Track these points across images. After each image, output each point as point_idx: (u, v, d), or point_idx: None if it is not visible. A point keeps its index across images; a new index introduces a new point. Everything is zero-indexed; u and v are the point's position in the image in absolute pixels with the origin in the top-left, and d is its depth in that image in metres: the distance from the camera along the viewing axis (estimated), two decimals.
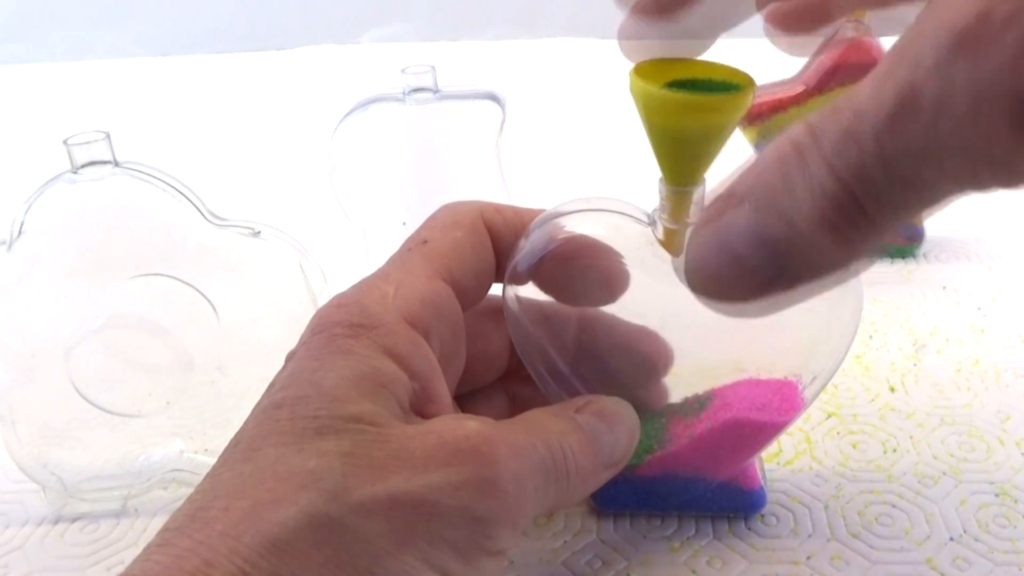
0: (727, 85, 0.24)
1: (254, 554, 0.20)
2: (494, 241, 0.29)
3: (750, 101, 0.24)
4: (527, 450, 0.24)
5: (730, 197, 0.18)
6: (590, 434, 0.27)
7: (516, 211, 0.30)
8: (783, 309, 0.19)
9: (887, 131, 0.15)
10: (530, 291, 0.29)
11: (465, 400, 0.31)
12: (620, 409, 0.28)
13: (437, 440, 0.23)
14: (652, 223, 0.28)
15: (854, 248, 0.17)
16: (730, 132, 0.25)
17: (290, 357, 0.26)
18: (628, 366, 0.30)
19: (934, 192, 0.16)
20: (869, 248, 0.17)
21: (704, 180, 0.26)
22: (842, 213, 0.16)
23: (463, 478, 0.23)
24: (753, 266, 0.18)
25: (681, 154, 0.25)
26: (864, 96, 0.16)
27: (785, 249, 0.17)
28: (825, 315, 0.29)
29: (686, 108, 0.24)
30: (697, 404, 0.30)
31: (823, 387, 0.30)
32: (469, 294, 0.29)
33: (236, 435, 0.24)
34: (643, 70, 0.25)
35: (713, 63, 0.26)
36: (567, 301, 0.29)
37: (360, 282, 0.27)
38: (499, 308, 0.31)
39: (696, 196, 0.27)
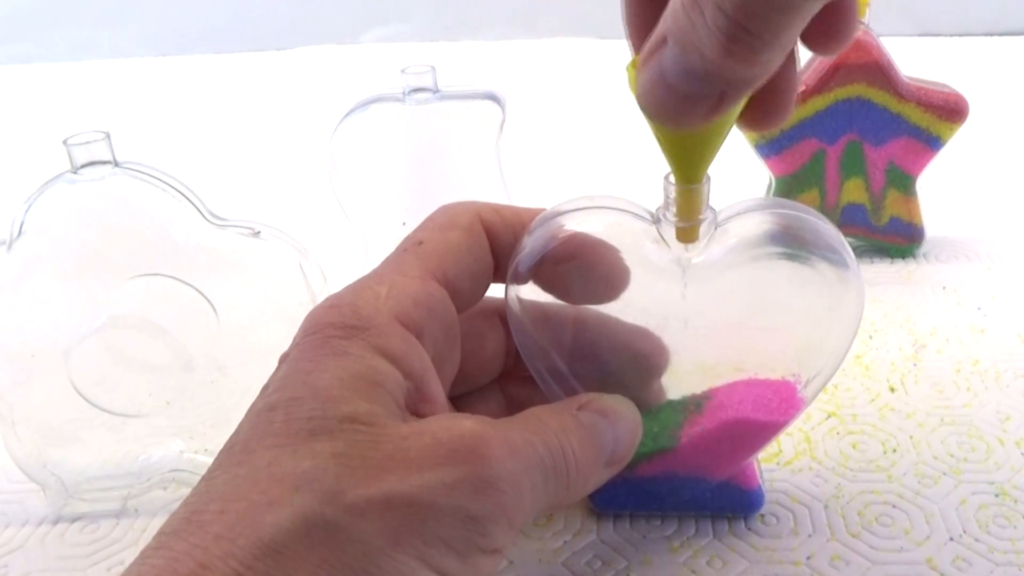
0: None
1: (249, 556, 0.20)
2: (492, 242, 0.29)
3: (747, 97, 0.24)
4: (525, 448, 0.24)
5: (659, 39, 0.22)
6: (592, 432, 0.27)
7: (515, 211, 0.30)
8: (724, 124, 0.24)
9: None
10: (531, 291, 0.29)
11: (461, 401, 0.31)
12: (622, 407, 0.28)
13: (432, 439, 0.23)
14: (656, 221, 0.28)
15: (755, 64, 0.21)
16: (730, 127, 0.25)
17: (283, 359, 0.26)
18: (625, 365, 0.30)
19: (803, 10, 0.20)
20: (769, 61, 0.21)
21: (709, 177, 0.26)
22: (737, 40, 0.20)
23: (458, 477, 0.23)
24: (685, 92, 0.22)
25: (686, 151, 0.25)
26: None
27: (703, 75, 0.22)
28: (824, 315, 0.29)
29: None
30: (695, 403, 0.30)
31: (822, 387, 0.30)
32: (464, 295, 0.29)
33: (231, 438, 0.24)
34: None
35: None
36: (569, 300, 0.29)
37: (353, 283, 0.27)
38: (495, 309, 0.31)
39: (703, 193, 0.27)
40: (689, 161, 0.26)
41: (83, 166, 0.31)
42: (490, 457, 0.23)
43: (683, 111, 0.23)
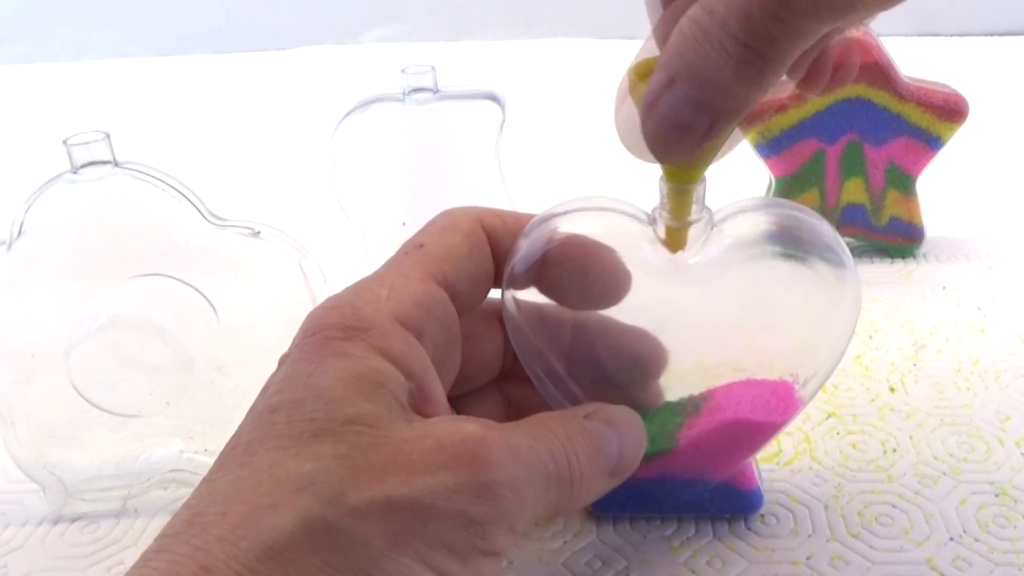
0: None
1: (251, 559, 0.20)
2: (493, 246, 0.29)
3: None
4: (528, 454, 0.24)
5: (662, 81, 0.23)
6: (597, 441, 0.27)
7: (516, 216, 0.30)
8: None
9: None
10: (528, 295, 0.29)
11: (460, 401, 0.31)
12: (628, 417, 0.28)
13: (434, 443, 0.23)
14: (652, 221, 0.28)
15: (764, 85, 0.22)
16: (725, 140, 0.25)
17: (283, 360, 0.26)
18: (623, 367, 0.30)
19: (814, 30, 0.21)
20: (773, 82, 0.22)
21: (705, 178, 0.26)
22: (750, 64, 0.21)
23: (459, 481, 0.23)
24: (694, 125, 0.23)
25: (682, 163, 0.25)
26: None
27: (715, 106, 0.22)
28: (822, 314, 0.29)
29: None
30: (693, 405, 0.30)
31: (820, 387, 0.30)
32: (465, 298, 0.29)
33: (232, 439, 0.24)
34: (642, 70, 0.25)
35: None
36: (567, 304, 0.29)
37: (353, 284, 0.27)
38: (494, 310, 0.31)
39: (697, 194, 0.27)
40: (684, 171, 0.26)
41: (83, 166, 0.31)
42: (492, 462, 0.23)
43: (685, 143, 0.23)
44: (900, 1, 0.20)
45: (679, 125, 0.23)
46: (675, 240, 0.27)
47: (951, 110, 0.45)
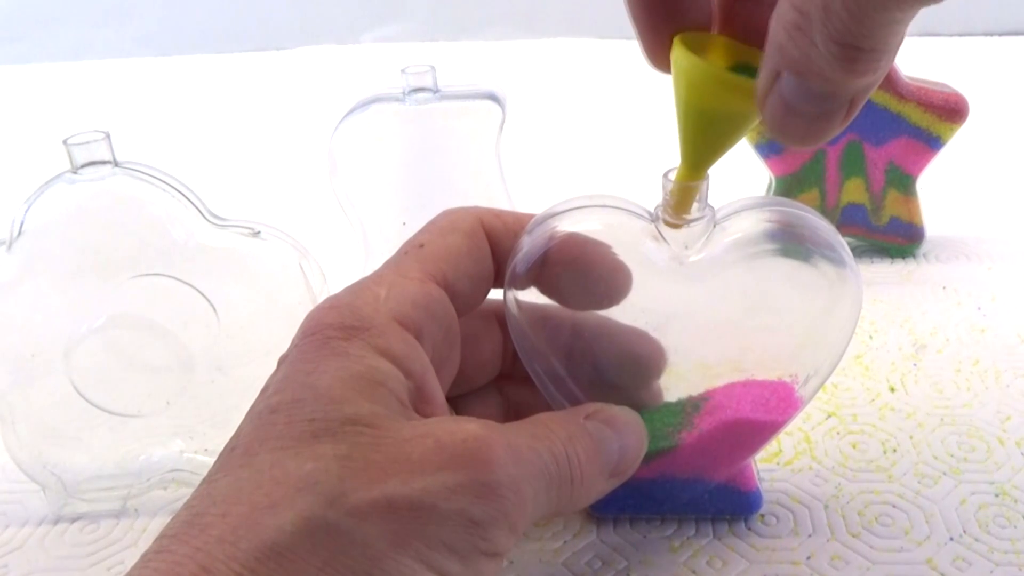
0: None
1: (252, 559, 0.20)
2: (494, 247, 0.29)
3: None
4: (529, 454, 0.24)
5: (771, 75, 0.23)
6: (598, 441, 0.27)
7: (517, 216, 0.30)
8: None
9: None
10: (529, 294, 0.29)
11: (459, 402, 0.31)
12: (629, 418, 0.28)
13: (434, 443, 0.23)
14: (655, 219, 0.28)
15: (877, 71, 0.22)
16: (754, 120, 0.25)
17: (283, 360, 0.26)
18: (623, 368, 0.30)
19: (904, 19, 0.21)
20: (887, 64, 0.22)
21: (708, 176, 0.26)
22: (855, 59, 0.21)
23: (459, 482, 0.23)
24: (810, 112, 0.23)
25: (708, 136, 0.25)
26: None
27: (830, 94, 0.23)
28: (822, 313, 0.29)
29: (735, 90, 0.24)
30: (693, 405, 0.30)
31: (820, 386, 0.30)
32: (464, 298, 0.29)
33: (231, 439, 0.24)
34: (688, 42, 0.25)
35: (753, 49, 0.26)
36: (568, 303, 0.29)
37: (352, 284, 0.27)
38: (493, 311, 0.31)
39: (701, 191, 0.27)
40: (703, 146, 0.26)
41: (83, 166, 0.31)
42: (493, 462, 0.23)
43: (820, 129, 0.24)
44: None
45: (797, 114, 0.23)
46: (682, 201, 0.27)
47: (951, 110, 0.45)
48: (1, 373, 0.33)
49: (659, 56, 0.26)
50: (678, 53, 0.25)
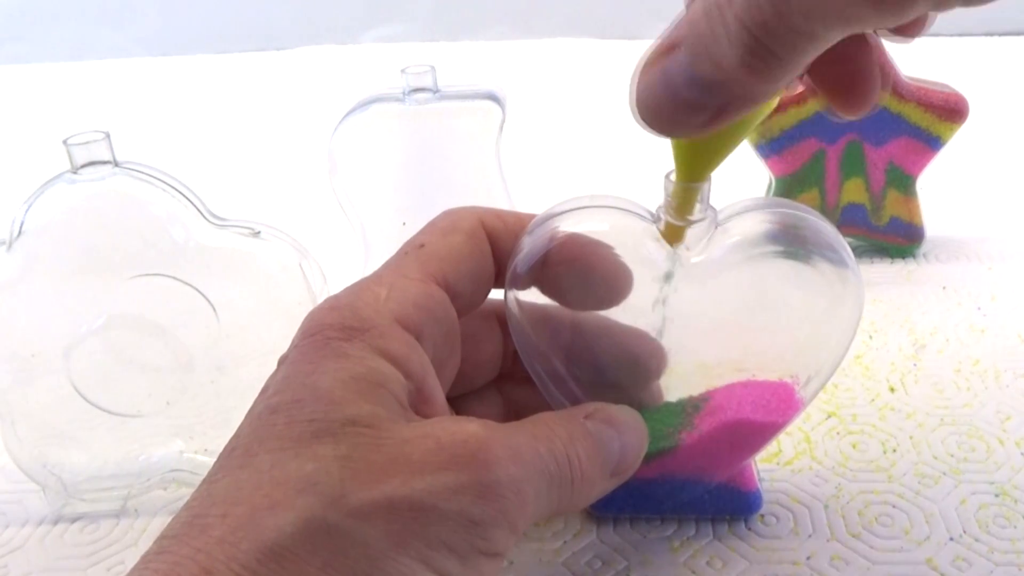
0: None
1: (252, 560, 0.20)
2: (494, 247, 0.29)
3: (779, 96, 0.24)
4: (530, 454, 0.24)
5: (669, 45, 0.22)
6: (598, 441, 0.27)
7: (518, 216, 0.30)
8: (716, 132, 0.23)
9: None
10: (530, 294, 0.29)
11: (459, 402, 0.31)
12: (630, 417, 0.28)
13: (435, 443, 0.23)
14: (657, 220, 0.28)
15: (770, 81, 0.21)
16: (754, 126, 0.25)
17: (282, 360, 0.26)
18: (623, 368, 0.30)
19: (824, 37, 0.20)
20: (783, 80, 0.21)
21: (710, 177, 0.26)
22: (756, 56, 0.20)
23: (460, 482, 0.23)
24: (689, 101, 0.22)
25: (703, 146, 0.25)
26: None
27: (713, 86, 0.21)
28: (824, 314, 0.29)
29: None
30: (693, 405, 0.30)
31: (821, 387, 0.30)
32: (465, 298, 0.29)
33: (231, 440, 0.24)
34: None
35: None
36: (569, 304, 0.29)
37: (353, 285, 0.27)
38: (493, 311, 0.31)
39: (703, 193, 0.27)
40: (699, 155, 0.26)
41: (83, 166, 0.31)
42: (493, 462, 0.23)
43: (680, 118, 0.23)
44: (912, 16, 0.20)
45: (670, 92, 0.22)
46: (674, 235, 0.27)
47: (951, 110, 0.45)
48: (1, 373, 0.33)
49: None
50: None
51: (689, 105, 0.22)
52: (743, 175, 0.48)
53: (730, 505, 0.32)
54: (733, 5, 0.20)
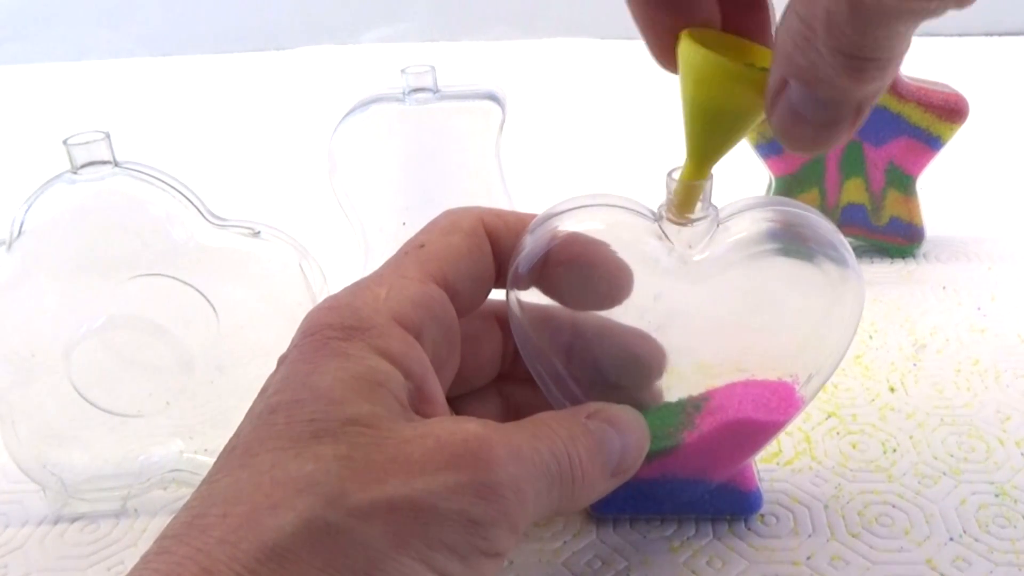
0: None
1: (252, 560, 0.20)
2: (495, 247, 0.29)
3: None
4: (530, 454, 0.24)
5: (778, 84, 0.23)
6: (599, 441, 0.27)
7: (519, 217, 0.30)
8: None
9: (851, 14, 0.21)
10: (531, 294, 0.29)
11: (459, 402, 0.31)
12: (631, 417, 0.28)
13: (435, 443, 0.23)
14: (658, 218, 0.28)
15: (876, 79, 0.22)
16: (760, 116, 0.25)
17: (282, 360, 0.26)
18: (623, 368, 0.30)
19: (906, 30, 0.21)
20: (893, 71, 0.22)
21: (712, 175, 0.26)
22: (857, 67, 0.22)
23: (460, 482, 0.23)
24: (817, 119, 0.23)
25: (716, 131, 0.25)
26: None
27: (829, 99, 0.23)
28: (824, 312, 0.29)
29: (746, 82, 0.24)
30: (694, 405, 0.30)
31: (821, 386, 0.30)
32: (465, 299, 0.29)
33: (231, 440, 0.24)
34: (696, 36, 0.25)
35: (756, 46, 0.26)
36: (570, 303, 0.29)
37: (352, 284, 0.27)
38: (493, 311, 0.31)
39: (705, 191, 0.27)
40: (709, 141, 0.26)
41: (83, 166, 0.31)
42: (493, 462, 0.23)
43: (828, 135, 0.24)
44: (971, 2, 0.21)
45: (805, 121, 0.23)
46: (676, 236, 0.27)
47: (951, 110, 0.45)
48: (1, 373, 0.33)
49: (665, 53, 0.26)
50: (686, 47, 0.25)
51: (830, 123, 0.23)
52: (743, 175, 0.48)
53: (730, 505, 0.32)
54: (817, 34, 0.21)
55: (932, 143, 0.46)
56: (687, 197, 0.27)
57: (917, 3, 0.20)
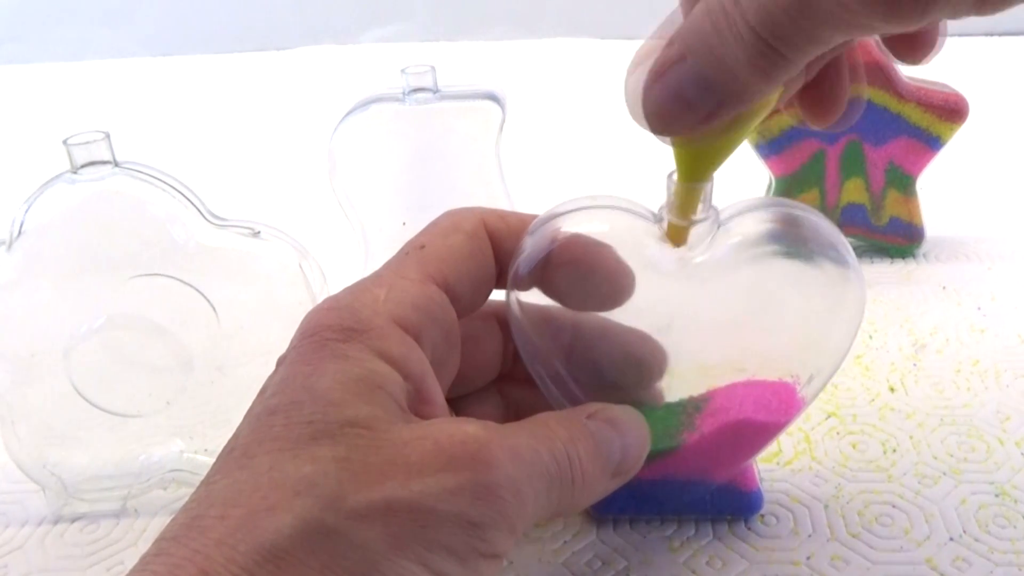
0: None
1: (250, 562, 0.20)
2: (496, 248, 0.29)
3: (778, 95, 0.24)
4: (529, 455, 0.24)
5: (673, 54, 0.23)
6: (599, 441, 0.27)
7: (520, 217, 0.30)
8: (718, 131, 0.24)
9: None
10: (531, 295, 0.29)
11: (459, 403, 0.31)
12: (632, 418, 0.28)
13: (433, 445, 0.23)
14: (659, 220, 0.28)
15: (772, 81, 0.22)
16: (754, 126, 0.25)
17: (281, 361, 0.26)
18: (623, 369, 0.30)
19: (831, 41, 0.21)
20: (784, 79, 0.22)
21: (713, 177, 0.26)
22: (764, 58, 0.21)
23: (459, 483, 0.23)
24: (698, 103, 0.23)
25: (704, 146, 0.25)
26: None
27: (721, 87, 0.22)
28: (825, 313, 0.29)
29: None
30: (694, 406, 0.30)
31: (823, 387, 0.30)
32: (465, 300, 0.29)
33: (230, 441, 0.24)
34: None
35: None
36: (570, 305, 0.29)
37: (352, 285, 0.27)
38: (493, 312, 0.31)
39: (705, 192, 0.27)
40: (700, 156, 0.26)
41: (83, 166, 0.31)
42: (492, 463, 0.23)
43: (695, 124, 0.23)
44: (919, 25, 0.20)
45: (682, 101, 0.23)
46: (677, 236, 0.27)
47: (951, 110, 0.45)
48: (1, 373, 0.33)
49: None
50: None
51: (688, 104, 0.23)
52: (743, 175, 0.48)
53: (731, 505, 0.32)
54: (742, 11, 0.21)
55: (932, 143, 0.46)
56: (687, 200, 0.27)
57: (865, 18, 0.20)
